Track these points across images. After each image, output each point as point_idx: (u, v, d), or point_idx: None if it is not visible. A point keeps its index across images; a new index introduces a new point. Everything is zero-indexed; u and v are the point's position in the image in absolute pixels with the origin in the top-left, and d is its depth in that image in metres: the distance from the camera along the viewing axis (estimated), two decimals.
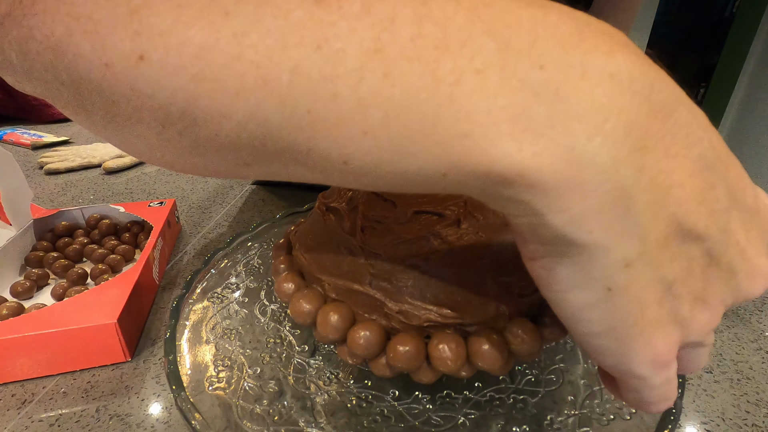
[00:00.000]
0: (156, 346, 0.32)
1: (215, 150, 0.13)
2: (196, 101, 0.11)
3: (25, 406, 0.27)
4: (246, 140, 0.12)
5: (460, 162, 0.11)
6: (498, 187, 0.12)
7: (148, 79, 0.11)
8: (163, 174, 0.64)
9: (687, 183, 0.12)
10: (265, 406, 0.23)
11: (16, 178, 0.39)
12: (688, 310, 0.14)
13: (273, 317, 0.29)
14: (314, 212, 0.26)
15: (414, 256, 0.22)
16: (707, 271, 0.14)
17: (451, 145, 0.11)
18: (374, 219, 0.23)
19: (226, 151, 0.13)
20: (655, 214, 0.12)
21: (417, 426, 0.23)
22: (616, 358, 0.14)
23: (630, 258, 0.12)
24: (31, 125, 0.89)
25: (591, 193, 0.11)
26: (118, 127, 0.13)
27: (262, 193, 0.58)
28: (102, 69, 0.11)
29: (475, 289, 0.21)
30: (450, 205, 0.23)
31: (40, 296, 0.35)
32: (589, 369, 0.25)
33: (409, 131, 0.11)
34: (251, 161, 0.13)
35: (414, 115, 0.11)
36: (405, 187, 0.13)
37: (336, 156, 0.12)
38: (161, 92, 0.11)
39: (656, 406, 0.16)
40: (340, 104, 0.11)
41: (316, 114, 0.11)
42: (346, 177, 0.13)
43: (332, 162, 0.12)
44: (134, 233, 0.42)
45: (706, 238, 0.13)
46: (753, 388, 0.29)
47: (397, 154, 0.11)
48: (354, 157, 0.12)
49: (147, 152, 0.14)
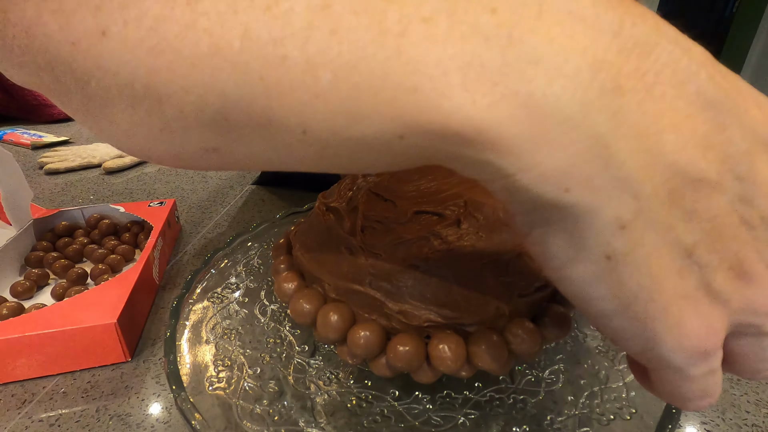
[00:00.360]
0: (156, 346, 0.32)
1: (183, 131, 0.12)
2: (157, 75, 0.11)
3: (25, 406, 0.27)
4: (209, 116, 0.12)
5: (413, 121, 0.10)
6: (458, 147, 0.11)
7: (111, 55, 0.11)
8: (163, 174, 0.64)
9: (683, 126, 0.11)
10: (265, 406, 0.23)
11: (16, 178, 0.39)
12: (724, 282, 0.12)
13: (273, 317, 0.29)
14: (314, 212, 0.26)
15: (414, 256, 0.22)
16: (739, 230, 0.11)
17: (401, 102, 0.10)
18: (374, 219, 0.23)
19: (193, 131, 0.12)
20: (646, 165, 0.10)
21: (417, 426, 0.23)
22: (640, 342, 0.12)
23: (624, 218, 0.11)
24: (31, 125, 0.89)
25: (559, 145, 0.10)
26: (94, 111, 0.13)
27: (262, 193, 0.58)
28: (70, 48, 0.11)
29: (475, 289, 0.21)
30: (450, 205, 0.23)
31: (40, 296, 0.35)
32: (589, 369, 0.25)
33: (359, 91, 0.10)
34: (218, 144, 0.13)
35: (363, 72, 0.10)
36: (368, 158, 0.12)
37: (294, 125, 0.11)
38: (124, 68, 0.11)
39: (694, 404, 0.14)
40: (291, 67, 0.10)
41: (269, 80, 0.11)
42: (310, 151, 0.12)
43: (292, 133, 0.11)
44: (134, 233, 0.42)
45: (726, 190, 0.11)
46: (753, 388, 0.29)
47: (351, 117, 0.11)
48: (311, 125, 0.11)
49: (124, 139, 0.14)
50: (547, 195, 0.11)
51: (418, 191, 0.25)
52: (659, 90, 0.10)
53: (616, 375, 0.24)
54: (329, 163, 0.13)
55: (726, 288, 0.12)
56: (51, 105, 0.90)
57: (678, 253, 0.11)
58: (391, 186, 0.26)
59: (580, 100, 0.10)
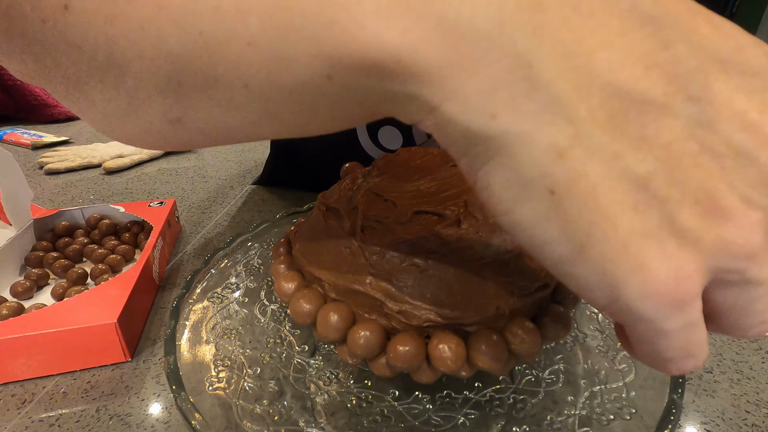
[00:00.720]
0: (156, 346, 0.32)
1: (145, 101, 0.13)
2: (114, 43, 0.12)
3: (25, 406, 0.27)
4: (163, 81, 0.12)
5: (335, 55, 0.10)
6: (383, 82, 0.10)
7: (74, 28, 0.12)
8: (163, 174, 0.64)
9: (617, 43, 0.10)
10: (265, 406, 0.23)
11: (16, 178, 0.39)
12: (691, 219, 0.10)
13: (273, 317, 0.29)
14: (314, 212, 0.26)
15: (414, 256, 0.22)
16: (702, 159, 0.10)
17: (322, 37, 0.10)
18: (374, 219, 0.23)
19: (154, 101, 0.13)
20: (578, 86, 0.10)
21: (417, 426, 0.23)
22: (604, 291, 0.11)
23: (561, 144, 0.10)
24: (31, 125, 0.89)
25: (478, 67, 0.10)
26: (73, 92, 0.14)
27: (262, 193, 0.58)
28: (41, 26, 0.12)
29: (475, 289, 0.21)
30: (450, 205, 0.23)
31: (40, 296, 0.35)
32: (589, 369, 0.25)
33: (286, 31, 0.10)
34: (179, 113, 0.13)
35: (285, 11, 0.10)
36: (309, 110, 0.12)
37: (236, 80, 0.12)
38: (86, 41, 0.12)
39: (677, 365, 0.12)
40: (223, 16, 0.11)
41: (207, 34, 0.11)
42: (257, 108, 0.13)
43: (236, 89, 0.12)
44: (134, 233, 0.42)
45: (678, 113, 0.10)
46: (753, 388, 0.29)
47: (281, 62, 0.11)
48: (249, 77, 0.11)
49: (101, 120, 0.15)
50: (474, 124, 0.10)
51: (418, 191, 0.25)
52: (586, 7, 0.10)
53: (616, 375, 0.24)
54: (279, 124, 0.13)
55: (694, 225, 0.10)
56: (51, 105, 0.90)
57: (631, 185, 0.10)
58: (391, 186, 0.26)
59: (495, 18, 0.09)
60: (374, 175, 0.27)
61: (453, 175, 0.26)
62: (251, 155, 0.74)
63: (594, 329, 0.28)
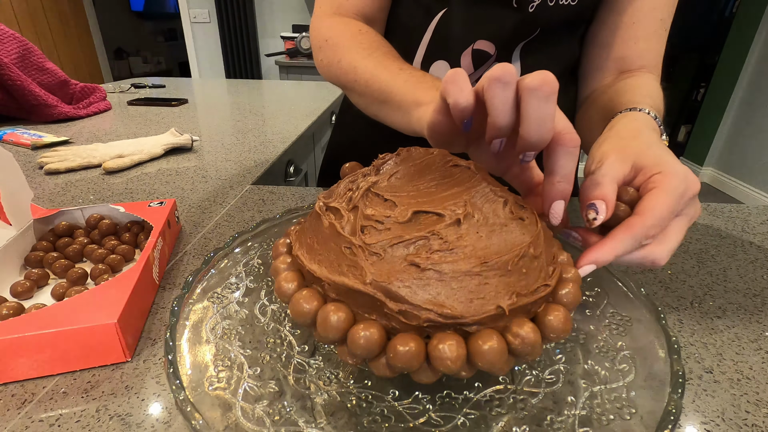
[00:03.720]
0: (156, 346, 0.32)
1: (355, 98, 0.45)
2: (337, 81, 0.36)
3: (25, 406, 0.27)
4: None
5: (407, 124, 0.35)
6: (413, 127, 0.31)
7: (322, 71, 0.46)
8: (163, 174, 0.64)
9: None
10: (265, 406, 0.23)
11: (16, 178, 0.39)
12: None
13: (273, 317, 0.29)
14: (314, 212, 0.26)
15: (414, 256, 0.22)
16: None
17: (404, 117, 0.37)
18: (374, 219, 0.23)
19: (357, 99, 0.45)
20: None
21: (417, 426, 0.23)
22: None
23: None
24: (31, 125, 0.89)
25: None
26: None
27: (262, 193, 0.58)
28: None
29: (475, 289, 0.21)
30: (450, 205, 0.23)
31: (40, 296, 0.35)
32: (589, 369, 0.25)
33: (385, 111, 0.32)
34: (364, 105, 0.39)
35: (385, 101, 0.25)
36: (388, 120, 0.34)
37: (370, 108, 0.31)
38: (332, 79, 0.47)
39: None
40: (370, 90, 0.19)
41: (366, 92, 0.22)
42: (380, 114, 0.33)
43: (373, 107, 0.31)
44: (134, 233, 0.42)
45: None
46: (753, 388, 0.29)
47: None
48: (375, 113, 0.21)
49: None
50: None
51: (418, 191, 0.25)
52: None
53: (616, 375, 0.24)
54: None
55: None
56: (51, 105, 0.90)
57: None
58: (391, 186, 0.26)
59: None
60: (374, 175, 0.27)
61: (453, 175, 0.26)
62: (251, 155, 0.74)
63: (594, 329, 0.28)
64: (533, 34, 0.45)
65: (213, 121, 0.97)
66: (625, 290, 0.29)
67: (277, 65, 2.61)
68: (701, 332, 0.34)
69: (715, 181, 2.89)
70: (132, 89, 1.30)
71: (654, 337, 0.25)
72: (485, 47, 0.45)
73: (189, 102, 1.15)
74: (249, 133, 0.87)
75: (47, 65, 0.94)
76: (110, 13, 4.30)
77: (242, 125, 0.93)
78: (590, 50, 0.50)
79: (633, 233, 0.25)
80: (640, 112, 0.35)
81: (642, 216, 0.25)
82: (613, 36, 0.47)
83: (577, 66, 0.53)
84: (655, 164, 0.27)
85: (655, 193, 0.25)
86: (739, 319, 0.36)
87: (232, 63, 3.00)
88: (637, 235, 0.24)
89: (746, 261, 0.45)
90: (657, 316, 0.26)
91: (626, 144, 0.30)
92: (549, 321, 0.22)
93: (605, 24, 0.47)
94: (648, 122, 0.34)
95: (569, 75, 0.52)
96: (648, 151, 0.28)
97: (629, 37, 0.46)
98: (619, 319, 0.28)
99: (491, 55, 0.46)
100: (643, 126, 0.33)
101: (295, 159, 0.88)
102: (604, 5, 0.47)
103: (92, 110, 1.00)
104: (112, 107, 1.07)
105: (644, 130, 0.32)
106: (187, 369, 0.24)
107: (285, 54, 2.59)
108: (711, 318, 0.36)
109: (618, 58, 0.47)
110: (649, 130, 0.32)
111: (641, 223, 0.25)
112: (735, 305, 0.37)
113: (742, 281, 0.41)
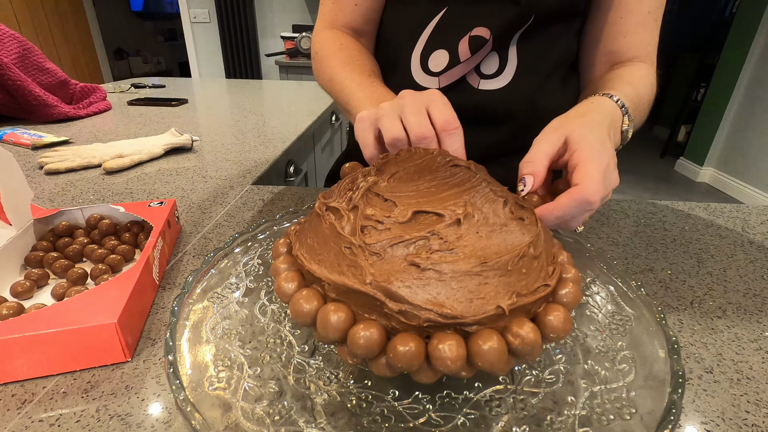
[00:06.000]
0: (156, 346, 0.32)
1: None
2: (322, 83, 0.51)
3: (25, 406, 0.27)
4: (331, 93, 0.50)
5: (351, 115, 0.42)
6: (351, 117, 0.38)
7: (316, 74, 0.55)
8: (163, 174, 0.64)
9: None
10: (265, 406, 0.23)
11: (16, 178, 0.39)
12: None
13: (273, 317, 0.29)
14: (314, 212, 0.26)
15: (414, 256, 0.22)
16: None
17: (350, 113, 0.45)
18: (374, 219, 0.23)
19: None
20: None
21: (417, 426, 0.23)
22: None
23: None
24: (31, 125, 0.89)
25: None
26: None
27: (262, 193, 0.58)
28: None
29: (475, 289, 0.21)
30: (450, 205, 0.23)
31: (40, 296, 0.35)
32: (589, 369, 0.25)
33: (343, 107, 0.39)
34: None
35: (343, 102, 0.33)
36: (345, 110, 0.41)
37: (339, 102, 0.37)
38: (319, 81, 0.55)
39: None
40: (332, 88, 0.18)
41: (332, 92, 0.20)
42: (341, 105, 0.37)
43: (341, 105, 0.34)
44: (134, 233, 0.42)
45: None
46: (753, 388, 0.29)
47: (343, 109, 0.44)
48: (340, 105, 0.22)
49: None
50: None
51: (418, 191, 0.25)
52: None
53: (616, 375, 0.24)
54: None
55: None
56: (51, 105, 0.90)
57: None
58: (391, 186, 0.26)
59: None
60: (374, 175, 0.27)
61: (453, 175, 0.26)
62: (251, 155, 0.74)
63: (594, 329, 0.28)
64: (527, 22, 0.47)
65: (213, 121, 0.97)
66: (625, 290, 0.29)
67: (277, 65, 2.61)
68: (701, 332, 0.34)
69: (715, 181, 2.89)
70: (132, 89, 1.30)
71: (654, 337, 0.25)
72: (482, 33, 0.48)
73: (189, 102, 1.15)
74: (249, 133, 0.87)
75: (47, 65, 0.94)
76: (110, 13, 4.30)
77: (242, 125, 0.93)
78: (584, 47, 0.54)
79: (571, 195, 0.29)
80: (604, 97, 0.38)
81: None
82: (602, 32, 0.50)
83: (578, 61, 0.56)
84: (577, 140, 0.31)
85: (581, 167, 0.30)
86: (739, 319, 0.36)
87: (232, 63, 3.00)
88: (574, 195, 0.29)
89: (746, 261, 0.45)
90: (657, 316, 0.26)
91: (568, 121, 0.34)
92: (549, 321, 0.22)
93: (596, 21, 0.51)
94: (605, 106, 0.37)
95: (569, 69, 0.55)
96: (580, 129, 0.32)
97: (617, 32, 0.49)
98: (619, 319, 0.28)
99: (486, 40, 0.47)
100: (593, 108, 0.36)
101: (295, 159, 0.88)
102: (594, 2, 0.50)
103: (92, 110, 1.00)
104: (112, 107, 1.07)
105: (591, 112, 0.36)
106: (187, 369, 0.24)
107: (285, 54, 2.59)
108: (711, 318, 0.36)
109: (608, 52, 0.50)
110: (596, 113, 0.35)
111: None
112: (735, 305, 0.37)
113: (742, 281, 0.41)
